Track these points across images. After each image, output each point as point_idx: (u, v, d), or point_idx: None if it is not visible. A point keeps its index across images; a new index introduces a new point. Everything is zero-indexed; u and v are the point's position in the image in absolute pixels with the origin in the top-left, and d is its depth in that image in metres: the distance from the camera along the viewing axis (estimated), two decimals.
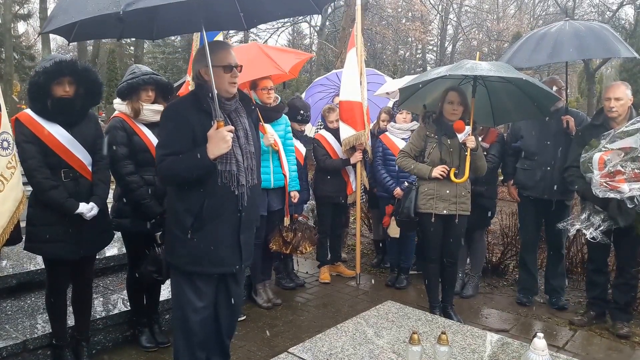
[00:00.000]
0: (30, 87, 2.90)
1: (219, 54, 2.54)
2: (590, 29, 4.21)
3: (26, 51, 27.30)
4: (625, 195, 3.47)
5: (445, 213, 3.86)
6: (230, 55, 2.58)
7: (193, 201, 2.52)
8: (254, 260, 4.34)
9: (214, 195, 2.52)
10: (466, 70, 3.56)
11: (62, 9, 2.38)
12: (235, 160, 2.55)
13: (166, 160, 2.47)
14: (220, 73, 2.53)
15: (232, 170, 2.54)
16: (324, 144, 5.04)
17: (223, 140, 2.41)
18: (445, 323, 2.90)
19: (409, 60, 35.09)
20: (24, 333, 3.25)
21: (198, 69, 2.60)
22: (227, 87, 2.57)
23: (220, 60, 2.53)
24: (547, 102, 3.90)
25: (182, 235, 2.55)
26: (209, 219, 2.53)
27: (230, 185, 2.54)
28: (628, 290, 3.93)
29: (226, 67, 2.54)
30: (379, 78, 6.57)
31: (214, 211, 2.53)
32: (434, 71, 3.86)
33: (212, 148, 2.41)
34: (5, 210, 2.56)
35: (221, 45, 2.63)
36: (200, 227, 2.53)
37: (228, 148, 2.43)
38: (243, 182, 2.57)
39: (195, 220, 2.52)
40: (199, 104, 2.55)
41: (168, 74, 26.78)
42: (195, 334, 2.65)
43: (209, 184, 2.51)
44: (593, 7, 23.85)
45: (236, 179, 2.55)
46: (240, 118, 2.65)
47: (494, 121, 4.26)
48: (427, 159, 3.90)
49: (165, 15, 2.68)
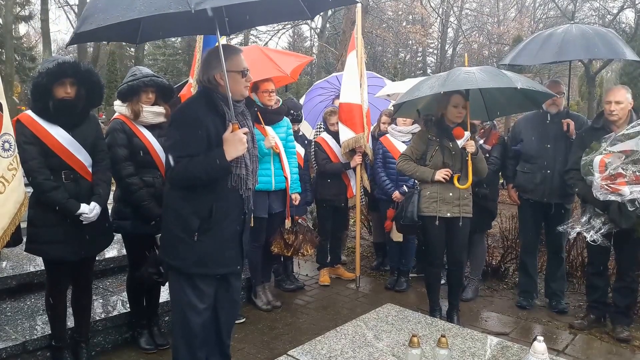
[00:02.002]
0: (33, 88, 2.90)
1: (235, 59, 2.59)
2: (596, 31, 4.28)
3: (27, 52, 27.34)
4: (626, 198, 3.47)
5: (449, 216, 3.86)
6: (243, 60, 2.63)
7: (201, 203, 2.53)
8: (254, 263, 4.36)
9: (223, 197, 2.56)
10: (460, 84, 3.54)
11: (100, 9, 2.31)
12: (244, 163, 2.60)
13: (181, 163, 2.48)
14: (238, 78, 2.59)
15: (241, 173, 2.59)
16: (325, 147, 5.04)
17: (240, 142, 2.46)
18: (445, 326, 2.89)
19: (409, 63, 35.13)
20: (24, 334, 3.25)
21: (212, 74, 2.59)
22: (243, 90, 2.64)
23: (236, 66, 2.59)
24: (540, 97, 3.94)
25: (187, 238, 2.55)
26: (217, 221, 2.55)
27: (239, 189, 2.59)
28: (628, 293, 3.93)
29: (242, 72, 2.60)
30: (378, 81, 6.57)
31: (222, 213, 2.56)
32: (427, 82, 3.83)
33: (230, 150, 2.45)
34: (5, 212, 2.55)
35: (235, 51, 2.65)
36: (208, 229, 2.54)
37: (245, 150, 2.49)
38: (250, 186, 2.64)
39: (202, 222, 2.53)
40: (213, 106, 2.56)
41: (168, 75, 26.81)
42: (196, 336, 2.66)
43: (219, 187, 2.54)
44: (594, 11, 23.86)
45: (244, 182, 2.61)
46: (246, 121, 2.70)
47: (487, 115, 4.27)
48: (429, 162, 3.90)
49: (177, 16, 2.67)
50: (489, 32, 28.70)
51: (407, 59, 35.41)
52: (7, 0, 21.47)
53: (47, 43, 22.50)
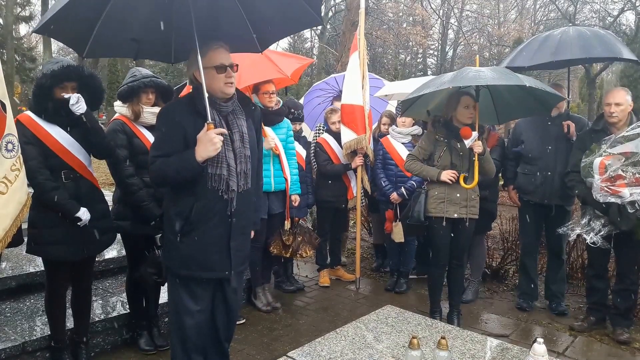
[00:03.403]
0: (35, 88, 2.92)
1: (208, 54, 2.49)
2: (594, 32, 4.28)
3: (27, 53, 27.39)
4: (626, 200, 3.47)
5: (455, 217, 3.86)
6: (221, 55, 2.50)
7: (183, 204, 2.50)
8: (254, 264, 4.35)
9: (204, 198, 2.49)
10: (469, 81, 3.55)
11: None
12: (226, 164, 2.50)
13: (157, 162, 2.46)
14: (213, 74, 2.47)
15: (222, 174, 2.49)
16: (326, 148, 5.04)
17: (211, 143, 2.36)
18: (445, 328, 2.89)
19: (409, 65, 35.15)
20: (23, 335, 3.24)
21: (192, 72, 2.55)
22: (223, 87, 2.50)
23: (210, 61, 2.47)
24: (550, 100, 3.92)
25: (173, 238, 2.54)
26: (198, 222, 2.50)
27: (219, 190, 2.50)
28: (628, 295, 3.92)
29: (218, 67, 2.47)
30: (377, 82, 6.57)
31: (203, 215, 2.50)
32: (436, 81, 3.84)
33: (200, 150, 2.38)
34: (8, 213, 2.55)
35: (210, 45, 2.51)
36: (190, 230, 2.50)
37: (216, 151, 2.39)
38: (233, 187, 2.52)
39: (185, 223, 2.49)
40: (193, 106, 2.51)
41: (169, 76, 26.78)
42: (189, 338, 2.62)
43: (198, 187, 2.48)
44: (594, 13, 23.92)
45: (226, 183, 2.50)
46: (237, 120, 2.59)
47: (497, 119, 4.28)
48: (437, 163, 3.91)
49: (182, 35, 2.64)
50: (489, 34, 28.73)
51: (408, 60, 35.43)
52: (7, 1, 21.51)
53: (48, 44, 22.51)
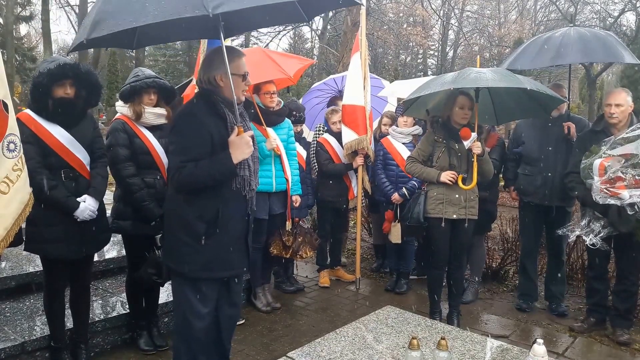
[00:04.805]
0: (33, 87, 2.92)
1: (238, 62, 2.59)
2: (594, 34, 4.24)
3: (28, 53, 27.42)
4: (626, 202, 3.46)
5: (454, 217, 3.86)
6: (244, 64, 2.64)
7: (206, 207, 2.52)
8: (254, 264, 4.35)
9: (228, 200, 2.55)
10: (470, 82, 3.55)
11: (110, 13, 2.25)
12: (247, 165, 2.59)
13: (187, 167, 2.45)
14: (239, 82, 2.59)
15: (245, 175, 2.58)
16: (327, 148, 5.03)
17: (247, 145, 2.47)
18: (445, 328, 2.89)
19: (410, 65, 35.15)
20: (23, 335, 3.24)
21: (213, 75, 2.57)
22: (240, 94, 2.63)
23: (238, 69, 2.59)
24: (551, 103, 3.92)
25: (193, 242, 2.53)
26: (222, 224, 2.54)
27: (242, 190, 2.59)
28: (628, 297, 3.92)
29: (244, 75, 2.61)
30: (376, 82, 6.56)
31: (227, 216, 2.55)
32: (438, 80, 3.84)
33: (237, 153, 2.45)
34: (10, 212, 2.55)
35: (238, 54, 2.66)
36: (214, 232, 2.53)
37: (251, 152, 2.50)
38: (253, 187, 2.65)
39: (209, 226, 2.52)
40: (214, 108, 2.55)
41: (169, 77, 26.83)
42: (198, 340, 2.64)
43: (223, 189, 2.53)
44: (595, 14, 23.88)
45: (248, 183, 2.61)
46: (246, 122, 2.68)
47: (496, 120, 4.28)
48: (435, 164, 3.91)
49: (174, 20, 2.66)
50: (489, 35, 28.71)
51: (408, 61, 35.44)
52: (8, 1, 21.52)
53: (48, 43, 22.52)
